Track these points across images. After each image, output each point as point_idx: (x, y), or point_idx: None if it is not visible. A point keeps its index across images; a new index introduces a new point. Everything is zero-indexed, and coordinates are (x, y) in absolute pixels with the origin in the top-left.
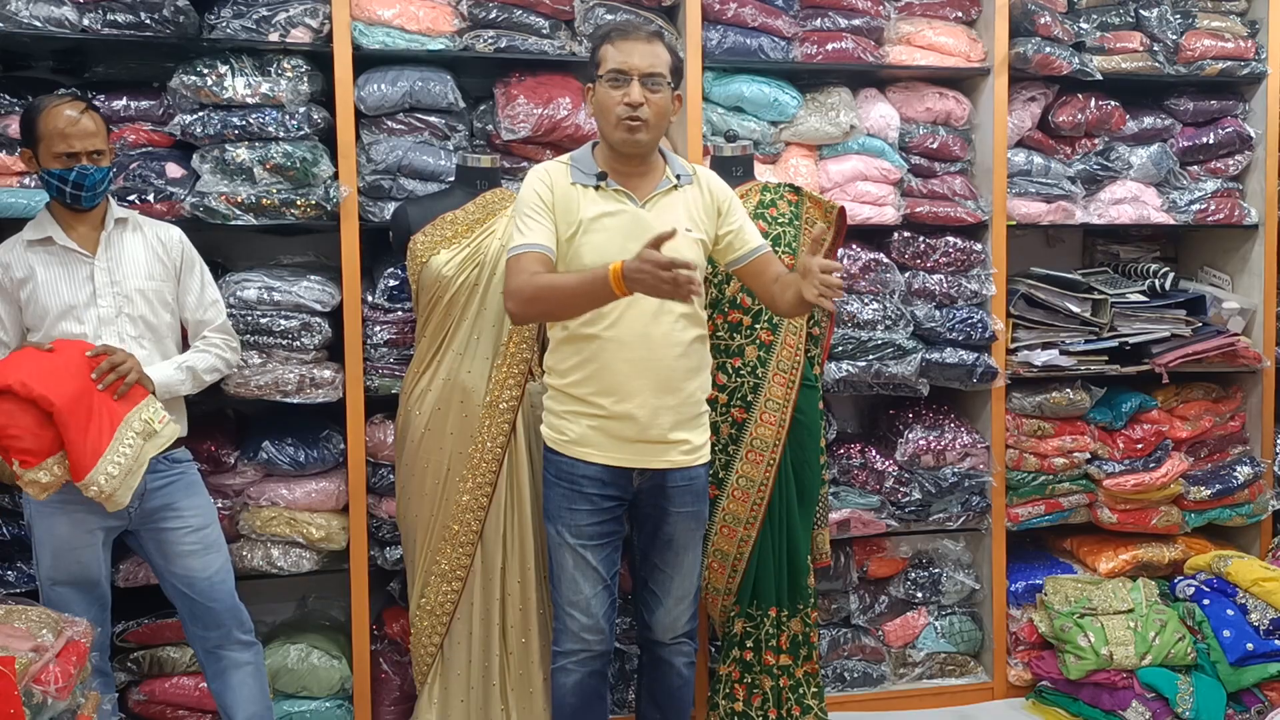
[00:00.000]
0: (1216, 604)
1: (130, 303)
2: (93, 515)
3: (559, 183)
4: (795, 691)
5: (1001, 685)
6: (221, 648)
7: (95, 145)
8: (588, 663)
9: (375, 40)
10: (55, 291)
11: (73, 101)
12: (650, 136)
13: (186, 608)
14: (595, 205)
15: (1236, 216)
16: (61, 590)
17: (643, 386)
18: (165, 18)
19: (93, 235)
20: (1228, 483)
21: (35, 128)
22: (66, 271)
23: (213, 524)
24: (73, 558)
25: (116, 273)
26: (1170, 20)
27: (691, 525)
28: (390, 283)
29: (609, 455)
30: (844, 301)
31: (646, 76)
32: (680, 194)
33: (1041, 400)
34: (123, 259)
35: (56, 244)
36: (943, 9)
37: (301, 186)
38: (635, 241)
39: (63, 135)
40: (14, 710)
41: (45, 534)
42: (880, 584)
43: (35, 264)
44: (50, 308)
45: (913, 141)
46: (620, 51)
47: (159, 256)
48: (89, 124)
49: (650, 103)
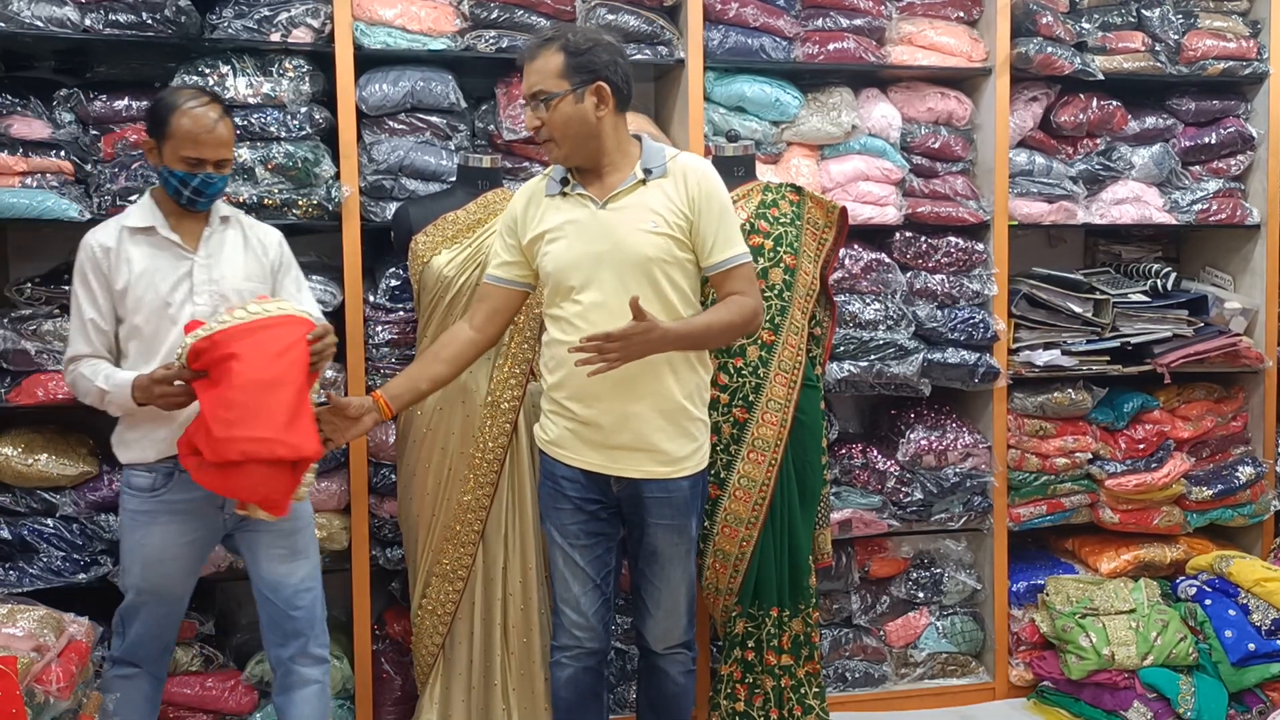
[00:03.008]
0: (1218, 604)
1: (226, 301)
2: (187, 526)
3: (533, 199)
4: (797, 692)
5: (1003, 685)
6: (294, 660)
7: (225, 155)
8: (581, 658)
9: (377, 40)
10: (152, 284)
11: (211, 103)
12: (565, 150)
13: (268, 614)
14: (560, 213)
15: (1238, 216)
16: (147, 600)
17: (607, 393)
18: (167, 18)
19: (195, 231)
20: (1230, 483)
21: (167, 124)
22: (166, 264)
23: (304, 530)
24: (160, 570)
25: (215, 271)
26: (1172, 20)
27: (674, 539)
28: (392, 283)
29: (584, 459)
30: (846, 301)
31: (531, 99)
32: (647, 189)
33: (1043, 400)
34: (222, 257)
35: (159, 235)
36: (944, 9)
37: (303, 186)
38: (593, 244)
39: (195, 141)
40: (16, 710)
41: (136, 545)
42: (882, 584)
43: (135, 253)
44: (146, 301)
45: (914, 141)
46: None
47: (257, 257)
48: (223, 132)
49: (547, 121)
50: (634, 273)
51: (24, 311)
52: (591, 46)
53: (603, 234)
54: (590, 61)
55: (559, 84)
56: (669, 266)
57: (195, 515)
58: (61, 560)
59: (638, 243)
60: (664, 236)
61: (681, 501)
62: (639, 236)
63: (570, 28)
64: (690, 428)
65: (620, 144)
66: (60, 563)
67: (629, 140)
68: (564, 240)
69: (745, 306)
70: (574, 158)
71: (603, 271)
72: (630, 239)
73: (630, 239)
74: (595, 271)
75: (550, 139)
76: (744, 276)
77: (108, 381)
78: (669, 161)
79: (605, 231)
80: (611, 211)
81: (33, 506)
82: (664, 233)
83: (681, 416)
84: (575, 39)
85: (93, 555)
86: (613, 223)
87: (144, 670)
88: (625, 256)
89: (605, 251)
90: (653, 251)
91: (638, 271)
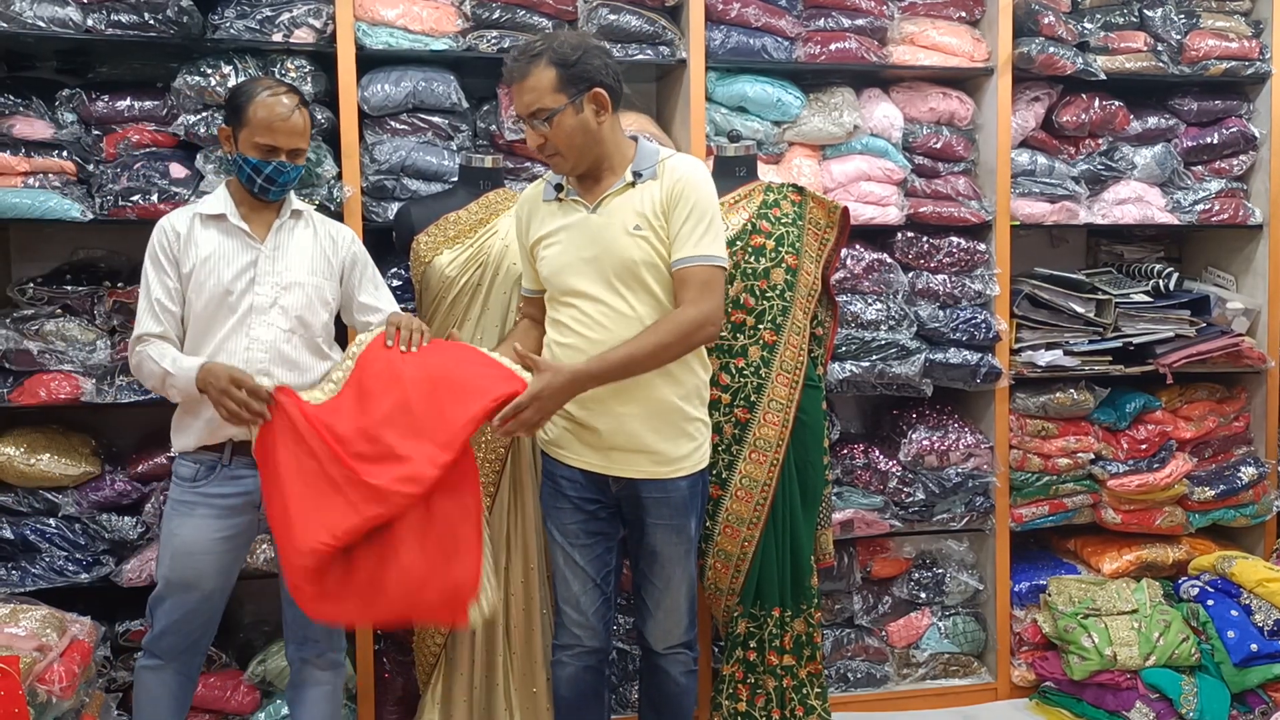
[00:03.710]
0: (1221, 605)
1: (288, 294)
2: (222, 522)
3: (533, 206)
4: (799, 692)
5: (1005, 686)
6: (309, 662)
7: (299, 144)
8: (582, 657)
9: (379, 40)
10: (216, 271)
11: (289, 92)
12: (572, 160)
13: (292, 615)
14: (555, 218)
15: (1241, 217)
16: (173, 590)
17: (603, 394)
18: (169, 18)
19: (266, 222)
20: (1232, 483)
21: (244, 111)
22: (233, 252)
23: None
24: (189, 562)
25: (280, 263)
26: (1174, 20)
27: (673, 539)
28: (394, 283)
29: (582, 459)
30: (848, 302)
31: (530, 117)
32: (636, 191)
33: (1045, 401)
34: (289, 250)
35: (230, 222)
36: (946, 9)
37: (305, 186)
38: (582, 249)
39: (270, 129)
40: (18, 709)
41: (169, 534)
42: (884, 584)
43: (204, 239)
44: (207, 287)
45: (916, 141)
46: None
47: (325, 253)
48: (299, 121)
49: (549, 137)
50: (622, 276)
51: (26, 312)
52: (581, 54)
53: (592, 238)
54: (583, 70)
55: (556, 99)
56: (655, 269)
57: (232, 512)
58: (64, 560)
59: (623, 246)
60: (646, 239)
61: (680, 501)
62: (624, 240)
63: (552, 37)
64: (688, 428)
65: (618, 145)
66: (62, 563)
67: (625, 141)
68: (558, 245)
69: (679, 322)
70: (580, 166)
71: (594, 276)
72: (617, 242)
73: (617, 242)
74: (587, 276)
75: (557, 153)
76: (695, 281)
77: (174, 365)
78: (659, 163)
79: (594, 236)
80: (601, 215)
81: (35, 506)
82: (646, 235)
83: (677, 417)
84: (562, 49)
85: (95, 555)
86: (600, 226)
87: (169, 664)
88: (613, 260)
89: (594, 256)
90: (638, 254)
91: (626, 274)
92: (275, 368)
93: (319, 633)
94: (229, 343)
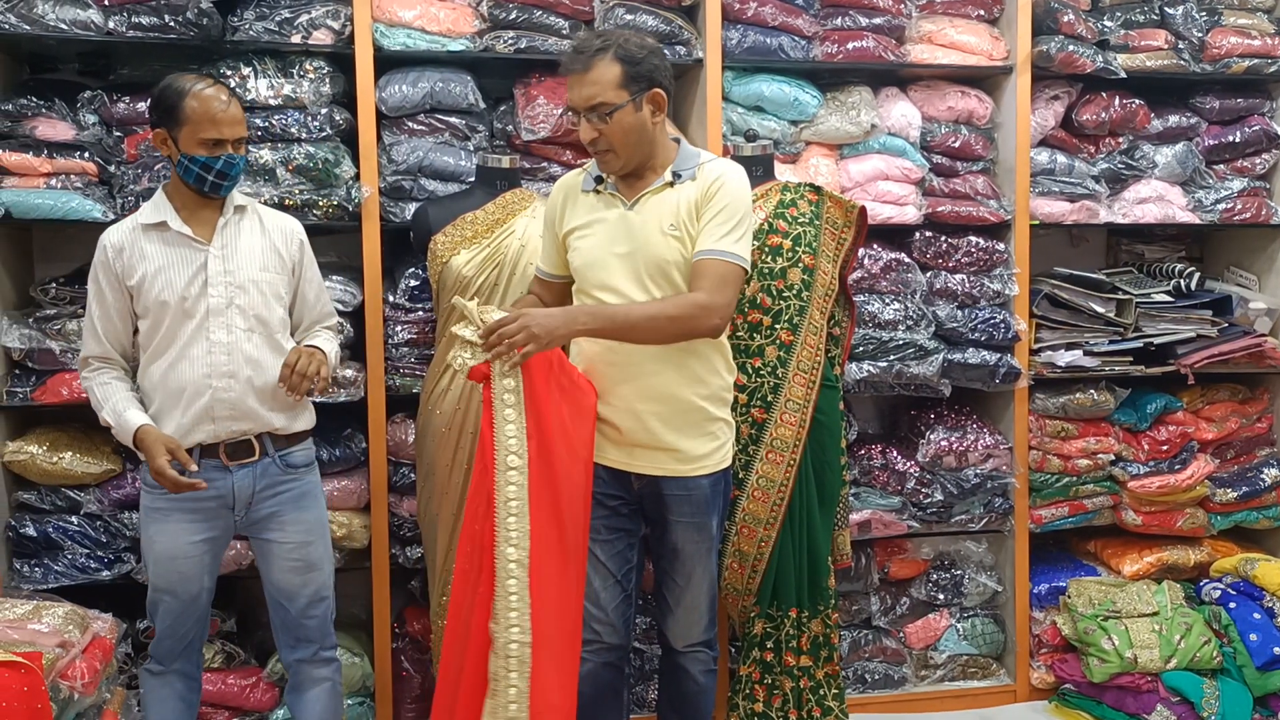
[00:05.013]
0: (1243, 607)
1: (243, 293)
2: (195, 525)
3: (569, 194)
4: (816, 693)
5: (1024, 688)
6: (305, 663)
7: (241, 133)
8: (601, 654)
9: (396, 41)
10: (168, 280)
11: (216, 84)
12: (624, 158)
13: (280, 617)
14: (591, 210)
15: (1263, 216)
16: (161, 596)
17: (625, 392)
18: (189, 20)
19: (209, 222)
20: (1254, 485)
21: (179, 110)
22: (180, 259)
23: (317, 540)
24: (172, 567)
25: (230, 262)
26: (1195, 17)
27: (695, 536)
28: (411, 283)
29: (604, 455)
30: (865, 301)
31: (589, 110)
32: (673, 191)
33: (1065, 401)
34: (238, 248)
35: (171, 229)
36: (964, 7)
37: (323, 187)
38: (617, 244)
39: (214, 120)
40: (41, 705)
41: (149, 541)
42: (901, 585)
43: (149, 249)
44: (160, 298)
45: (934, 140)
46: (567, 88)
47: (276, 247)
48: (236, 111)
49: (605, 132)
50: (654, 274)
51: (48, 311)
52: (647, 54)
53: (627, 234)
54: (647, 69)
55: (619, 94)
56: (686, 269)
57: (207, 516)
58: (86, 557)
59: (657, 245)
60: (680, 240)
61: (701, 499)
62: (658, 239)
63: (617, 35)
64: (710, 428)
65: (664, 146)
66: (84, 560)
67: (669, 143)
68: (592, 238)
69: (684, 301)
70: (629, 165)
71: (626, 272)
72: (651, 241)
73: (651, 241)
74: (617, 271)
75: (610, 149)
76: (713, 273)
77: (115, 418)
78: (699, 166)
79: (629, 232)
80: (637, 212)
81: (57, 504)
82: (679, 236)
83: (700, 417)
84: (629, 46)
85: (117, 552)
86: (636, 224)
87: (169, 669)
88: (646, 258)
89: (628, 252)
90: (670, 254)
91: (657, 273)
92: (240, 368)
93: (312, 633)
94: (190, 349)
